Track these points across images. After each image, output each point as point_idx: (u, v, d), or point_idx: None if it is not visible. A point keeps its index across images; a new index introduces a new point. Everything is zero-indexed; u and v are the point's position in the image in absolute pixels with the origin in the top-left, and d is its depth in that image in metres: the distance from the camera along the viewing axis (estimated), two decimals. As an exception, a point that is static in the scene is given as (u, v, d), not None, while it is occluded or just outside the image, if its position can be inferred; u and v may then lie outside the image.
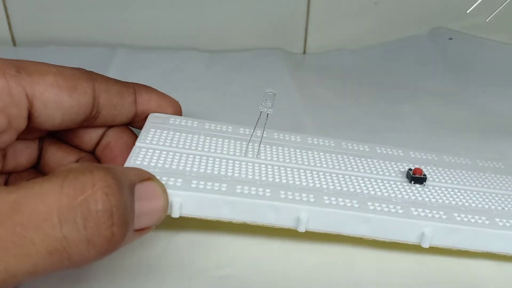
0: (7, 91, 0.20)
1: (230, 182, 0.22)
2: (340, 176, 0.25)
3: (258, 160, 0.25)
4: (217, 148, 0.25)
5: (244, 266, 0.23)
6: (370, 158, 0.27)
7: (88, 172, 0.17)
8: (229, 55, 0.40)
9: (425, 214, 0.22)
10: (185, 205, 0.21)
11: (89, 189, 0.17)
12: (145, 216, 0.20)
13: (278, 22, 0.42)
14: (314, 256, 0.24)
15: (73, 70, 0.24)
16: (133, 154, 0.23)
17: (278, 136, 0.27)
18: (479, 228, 0.22)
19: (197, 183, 0.22)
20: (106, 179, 0.17)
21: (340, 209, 0.22)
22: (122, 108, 0.26)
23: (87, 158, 0.27)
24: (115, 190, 0.17)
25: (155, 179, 0.20)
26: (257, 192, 0.22)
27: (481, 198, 0.25)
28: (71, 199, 0.16)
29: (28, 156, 0.26)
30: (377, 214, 0.22)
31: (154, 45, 0.42)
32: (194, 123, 0.28)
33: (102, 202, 0.17)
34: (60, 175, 0.17)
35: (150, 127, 0.26)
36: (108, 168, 0.18)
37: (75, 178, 0.17)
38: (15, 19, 0.40)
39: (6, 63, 0.21)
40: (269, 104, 0.24)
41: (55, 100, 0.22)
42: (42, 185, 0.16)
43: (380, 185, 0.24)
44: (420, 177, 0.25)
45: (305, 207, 0.21)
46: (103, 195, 0.17)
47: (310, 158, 0.26)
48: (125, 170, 0.19)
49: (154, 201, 0.20)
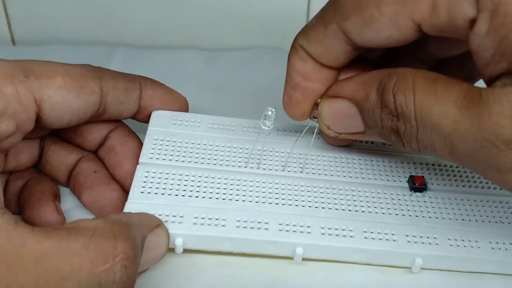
0: (16, 98, 0.20)
1: (230, 213, 0.23)
2: (340, 189, 0.25)
3: (259, 171, 0.25)
4: (219, 158, 0.26)
5: (244, 266, 0.23)
6: (374, 156, 0.27)
7: (112, 240, 0.18)
8: (229, 54, 0.40)
9: (418, 241, 0.23)
10: (188, 242, 0.22)
11: (111, 259, 0.18)
12: (148, 263, 0.21)
13: (278, 21, 0.42)
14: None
15: (80, 68, 0.24)
16: (137, 179, 0.24)
17: (279, 141, 0.27)
18: (470, 255, 0.23)
19: (198, 217, 0.23)
20: (127, 251, 0.18)
21: (334, 242, 0.23)
22: (128, 104, 0.26)
23: (89, 157, 0.26)
24: (132, 262, 0.18)
25: (162, 225, 0.22)
26: (255, 224, 0.23)
27: (477, 207, 0.25)
28: (93, 267, 0.17)
29: (29, 155, 0.26)
30: (369, 246, 0.23)
31: (154, 43, 0.42)
32: (197, 122, 0.27)
33: (120, 275, 0.18)
34: (86, 234, 0.18)
35: (153, 134, 0.26)
36: (128, 229, 0.19)
37: (99, 244, 0.18)
38: (14, 18, 0.40)
39: (14, 67, 0.21)
40: (269, 123, 0.24)
41: (63, 102, 0.22)
42: (69, 242, 0.17)
43: (379, 199, 0.25)
44: (420, 187, 0.25)
45: (301, 241, 0.22)
46: (122, 268, 0.18)
47: (312, 165, 0.26)
48: (140, 224, 0.20)
49: (158, 250, 0.21)
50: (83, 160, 0.26)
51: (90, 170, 0.26)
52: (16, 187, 0.26)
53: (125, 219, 0.20)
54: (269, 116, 0.24)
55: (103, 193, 0.25)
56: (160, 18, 0.41)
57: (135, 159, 0.25)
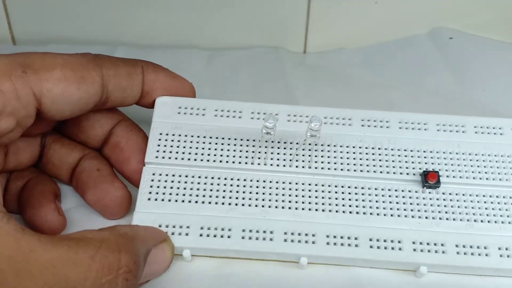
0: (14, 95, 0.20)
1: (235, 221, 0.23)
2: (348, 188, 0.25)
3: (266, 167, 0.25)
4: (224, 156, 0.26)
5: (244, 266, 0.23)
6: (386, 148, 0.26)
7: (117, 253, 0.19)
8: (229, 53, 0.40)
9: (423, 248, 0.23)
10: (194, 252, 0.23)
11: (115, 271, 0.18)
12: (150, 276, 0.21)
13: (279, 21, 0.42)
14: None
15: (80, 58, 0.23)
16: (143, 184, 0.24)
17: (285, 136, 0.27)
18: (475, 265, 0.22)
19: (204, 229, 0.23)
20: (129, 264, 0.19)
21: (338, 253, 0.23)
22: (131, 91, 0.25)
23: (92, 155, 0.26)
24: (134, 275, 0.19)
25: (168, 240, 0.22)
26: (260, 235, 0.23)
27: (489, 205, 0.24)
28: (98, 277, 0.18)
29: (30, 154, 0.26)
30: (374, 256, 0.23)
31: (154, 43, 0.42)
32: (202, 109, 0.27)
33: (121, 286, 0.19)
34: (93, 245, 0.18)
35: (158, 129, 0.26)
36: (133, 243, 0.20)
37: (105, 256, 0.18)
38: (15, 17, 0.40)
39: (11, 62, 0.21)
40: (271, 133, 0.24)
41: (63, 94, 0.22)
42: (77, 252, 0.18)
43: (389, 197, 0.24)
44: (433, 184, 0.25)
45: (305, 253, 0.23)
46: (124, 280, 0.19)
47: (320, 161, 0.26)
48: (145, 237, 0.21)
49: (161, 264, 0.22)
50: (86, 158, 0.26)
51: (93, 168, 0.26)
52: (16, 187, 0.25)
53: (131, 233, 0.20)
54: (270, 128, 0.24)
55: (107, 192, 0.25)
56: (160, 17, 0.41)
57: (141, 154, 0.25)
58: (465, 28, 0.43)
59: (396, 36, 0.44)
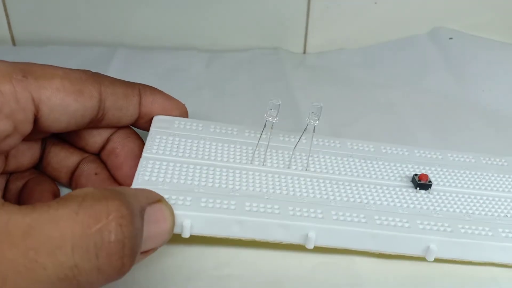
0: (13, 97, 0.20)
1: (238, 198, 0.22)
2: (347, 184, 0.25)
3: (265, 168, 0.25)
4: (223, 155, 0.26)
5: (244, 266, 0.23)
6: (375, 160, 0.27)
7: (104, 200, 0.17)
8: (229, 55, 0.40)
9: (431, 228, 0.23)
10: (195, 225, 0.21)
11: (104, 218, 0.17)
12: (152, 239, 0.20)
13: (278, 22, 0.42)
14: (314, 256, 0.24)
15: (79, 73, 0.23)
16: (141, 168, 0.23)
17: (283, 138, 0.27)
18: (483, 241, 0.23)
19: (206, 201, 0.22)
20: (120, 209, 0.17)
21: (347, 225, 0.22)
22: (127, 110, 0.26)
23: (90, 159, 0.26)
24: (129, 221, 0.17)
25: (163, 200, 0.21)
26: (265, 209, 0.22)
27: (484, 204, 0.25)
28: (85, 228, 0.16)
29: (30, 157, 0.26)
30: (384, 230, 0.22)
31: (154, 45, 0.42)
32: (199, 126, 0.27)
33: (115, 233, 0.17)
34: (75, 200, 0.17)
35: (156, 133, 0.26)
36: (122, 194, 0.18)
37: (90, 206, 0.17)
38: (14, 18, 0.40)
39: (12, 67, 0.21)
40: (274, 113, 0.24)
41: (61, 104, 0.22)
42: (57, 210, 0.16)
43: (386, 193, 0.25)
44: (425, 184, 0.25)
45: (313, 225, 0.22)
46: (117, 226, 0.17)
47: (316, 164, 0.26)
48: (136, 194, 0.19)
49: (161, 224, 0.20)
50: (84, 162, 0.26)
51: (91, 172, 0.26)
52: (16, 187, 0.26)
53: (120, 189, 0.19)
54: (275, 105, 0.24)
55: None
56: (160, 19, 0.41)
57: (135, 160, 0.25)
58: (465, 28, 0.43)
59: (396, 36, 0.44)
